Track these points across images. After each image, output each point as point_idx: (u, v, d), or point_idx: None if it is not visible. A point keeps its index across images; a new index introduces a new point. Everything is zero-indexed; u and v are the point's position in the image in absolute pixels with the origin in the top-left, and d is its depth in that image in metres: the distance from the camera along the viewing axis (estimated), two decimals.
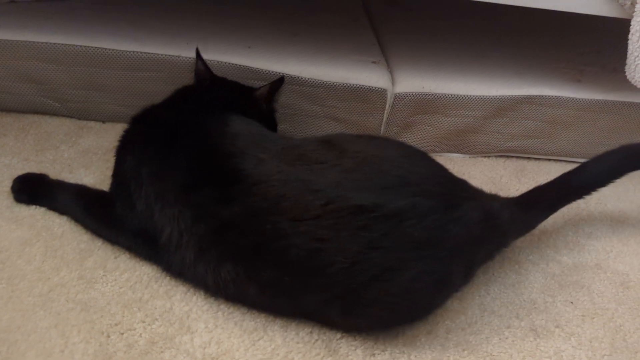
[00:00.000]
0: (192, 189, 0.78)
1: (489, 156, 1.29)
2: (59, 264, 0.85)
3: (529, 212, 0.94)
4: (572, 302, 0.94)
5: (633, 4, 1.04)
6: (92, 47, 1.12)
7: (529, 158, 1.30)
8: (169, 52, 1.13)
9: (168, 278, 0.85)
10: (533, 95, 1.20)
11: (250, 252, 0.74)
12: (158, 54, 1.13)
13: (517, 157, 1.30)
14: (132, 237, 0.85)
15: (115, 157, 0.89)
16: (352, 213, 0.72)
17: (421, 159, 0.85)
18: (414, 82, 1.19)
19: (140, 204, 0.81)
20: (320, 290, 0.73)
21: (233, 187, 0.76)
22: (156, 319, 0.79)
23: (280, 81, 1.05)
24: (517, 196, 0.96)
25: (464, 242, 0.77)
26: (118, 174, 0.87)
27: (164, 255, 0.82)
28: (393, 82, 1.18)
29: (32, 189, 0.94)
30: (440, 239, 0.74)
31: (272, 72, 1.14)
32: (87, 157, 1.08)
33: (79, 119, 1.18)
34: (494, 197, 0.90)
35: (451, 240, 0.75)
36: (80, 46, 1.11)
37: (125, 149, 0.88)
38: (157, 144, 0.83)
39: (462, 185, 0.87)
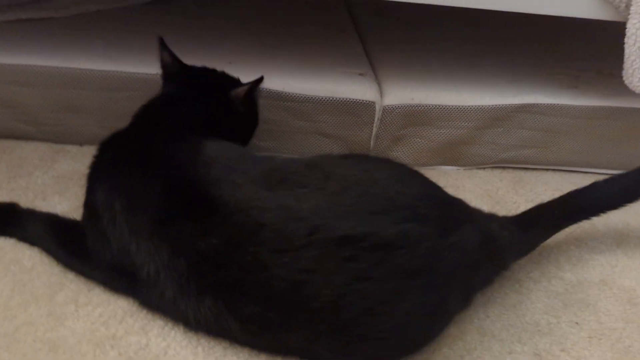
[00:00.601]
0: (168, 224, 0.72)
1: (484, 168, 1.24)
2: (27, 299, 0.80)
3: (530, 232, 0.88)
4: (577, 323, 0.88)
5: (628, 6, 0.99)
6: (67, 67, 1.07)
7: (526, 168, 1.25)
8: (147, 71, 1.08)
9: (144, 312, 0.80)
10: (528, 104, 1.15)
11: (231, 286, 0.68)
12: (135, 73, 1.08)
13: (514, 167, 1.24)
14: (107, 272, 0.79)
15: (86, 186, 0.83)
16: (338, 244, 0.66)
17: (412, 179, 0.79)
18: (403, 93, 1.14)
19: (114, 240, 0.76)
20: (306, 326, 0.67)
21: (210, 218, 0.70)
22: (131, 358, 0.74)
23: (259, 80, 0.97)
24: (518, 215, 0.91)
25: (461, 268, 0.72)
26: (89, 206, 0.82)
27: (141, 290, 0.77)
28: (381, 94, 1.14)
29: (0, 220, 0.89)
30: (435, 267, 0.69)
31: (260, 90, 1.09)
32: (62, 183, 1.02)
33: (55, 143, 1.13)
34: (492, 217, 0.85)
35: (447, 268, 0.70)
36: (55, 67, 1.07)
37: (95, 178, 0.82)
38: (128, 176, 0.78)
39: (457, 207, 0.81)
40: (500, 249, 0.80)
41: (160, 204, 0.73)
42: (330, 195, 0.70)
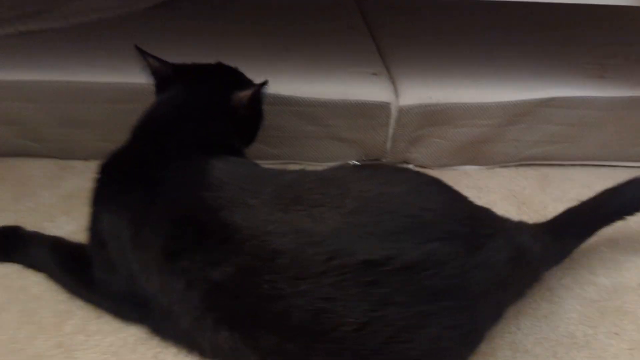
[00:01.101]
0: (178, 256, 0.67)
1: (507, 166, 1.18)
2: (35, 330, 0.77)
3: (562, 239, 0.83)
4: (616, 334, 0.82)
5: None
6: (70, 81, 1.03)
7: (551, 165, 1.18)
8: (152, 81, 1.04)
9: (157, 339, 0.76)
10: (552, 98, 1.09)
11: (247, 317, 0.64)
12: (140, 84, 1.04)
13: (539, 164, 1.18)
14: (117, 302, 0.76)
15: (90, 211, 0.79)
16: (359, 269, 0.61)
17: (434, 192, 0.73)
18: (420, 92, 1.08)
19: (123, 270, 0.72)
20: (328, 357, 0.63)
21: (223, 246, 0.66)
22: None
23: (263, 84, 0.89)
24: (548, 221, 0.85)
25: (491, 286, 0.67)
26: (95, 233, 0.77)
27: (154, 320, 0.73)
28: (396, 94, 1.08)
29: (5, 245, 0.86)
30: (464, 287, 0.64)
31: (265, 94, 1.05)
32: (69, 202, 0.99)
33: (61, 159, 1.10)
34: (522, 227, 0.79)
35: (476, 287, 0.65)
36: (57, 81, 1.03)
37: (99, 205, 0.78)
38: (133, 203, 0.73)
39: (484, 219, 0.75)
40: (532, 261, 0.74)
41: (169, 235, 0.69)
42: (347, 214, 0.65)
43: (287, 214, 0.66)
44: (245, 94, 0.86)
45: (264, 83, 0.90)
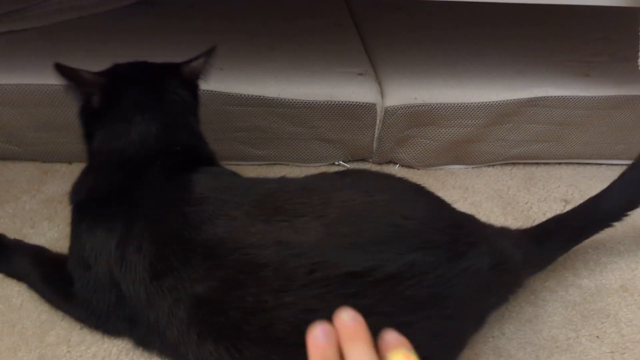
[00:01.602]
0: (164, 276, 0.67)
1: (493, 165, 1.18)
2: (16, 342, 0.76)
3: (546, 247, 0.83)
4: (598, 337, 0.83)
5: None
6: (49, 84, 1.01)
7: (537, 164, 1.19)
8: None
9: (140, 350, 0.76)
10: (538, 97, 1.09)
11: (232, 330, 0.64)
12: None
13: (525, 163, 1.19)
14: (102, 318, 0.75)
15: (70, 229, 0.78)
16: (342, 281, 0.61)
17: (416, 199, 0.74)
18: (406, 93, 1.08)
19: (107, 290, 0.72)
20: None
21: (206, 261, 0.65)
22: None
23: (213, 50, 0.88)
24: (533, 227, 0.85)
25: (473, 293, 0.67)
26: (77, 254, 0.75)
27: (139, 334, 0.73)
28: (382, 95, 1.08)
29: None
30: (445, 295, 0.64)
31: (249, 95, 1.04)
32: (51, 207, 0.98)
33: (43, 162, 1.08)
34: (504, 233, 0.79)
35: (458, 295, 0.65)
36: (35, 85, 1.01)
37: (80, 226, 0.76)
38: (116, 227, 0.71)
39: (467, 227, 0.75)
40: (513, 268, 0.75)
41: (154, 256, 0.68)
42: (329, 225, 0.65)
43: (269, 224, 0.66)
44: (199, 61, 0.86)
45: (213, 49, 0.88)
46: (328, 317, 0.61)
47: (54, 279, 0.79)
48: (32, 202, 0.99)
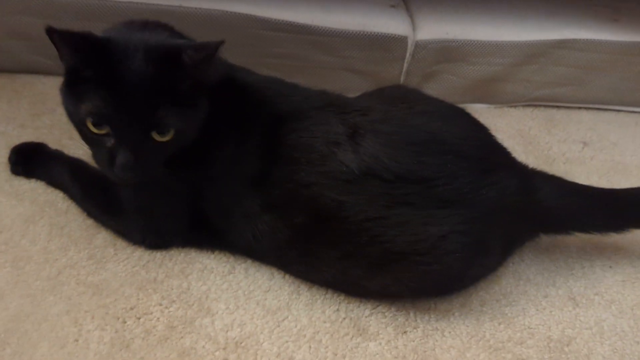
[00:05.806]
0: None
1: (515, 106, 1.20)
2: (66, 242, 0.80)
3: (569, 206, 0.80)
4: (610, 267, 0.88)
5: None
6: None
7: (558, 107, 1.21)
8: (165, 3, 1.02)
9: (182, 255, 0.80)
10: (567, 40, 1.10)
11: (285, 199, 0.72)
12: (156, 4, 1.03)
13: (546, 106, 1.21)
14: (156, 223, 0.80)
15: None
16: (384, 180, 0.70)
17: (456, 116, 0.80)
18: (437, 27, 1.09)
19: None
20: (347, 239, 0.70)
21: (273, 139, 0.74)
22: (174, 301, 0.75)
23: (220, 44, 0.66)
24: (571, 182, 0.83)
25: (499, 209, 0.72)
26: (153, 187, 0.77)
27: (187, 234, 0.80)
28: (414, 28, 1.08)
29: (28, 161, 0.87)
30: (473, 201, 0.70)
31: (282, 20, 1.04)
32: None
33: None
34: (536, 172, 0.83)
35: (485, 204, 0.71)
36: None
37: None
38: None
39: (501, 151, 0.79)
40: (540, 203, 0.77)
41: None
42: (372, 122, 0.74)
43: (321, 111, 0.76)
44: (198, 54, 0.66)
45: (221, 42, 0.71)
46: (366, 200, 0.69)
47: (95, 195, 0.81)
48: None
